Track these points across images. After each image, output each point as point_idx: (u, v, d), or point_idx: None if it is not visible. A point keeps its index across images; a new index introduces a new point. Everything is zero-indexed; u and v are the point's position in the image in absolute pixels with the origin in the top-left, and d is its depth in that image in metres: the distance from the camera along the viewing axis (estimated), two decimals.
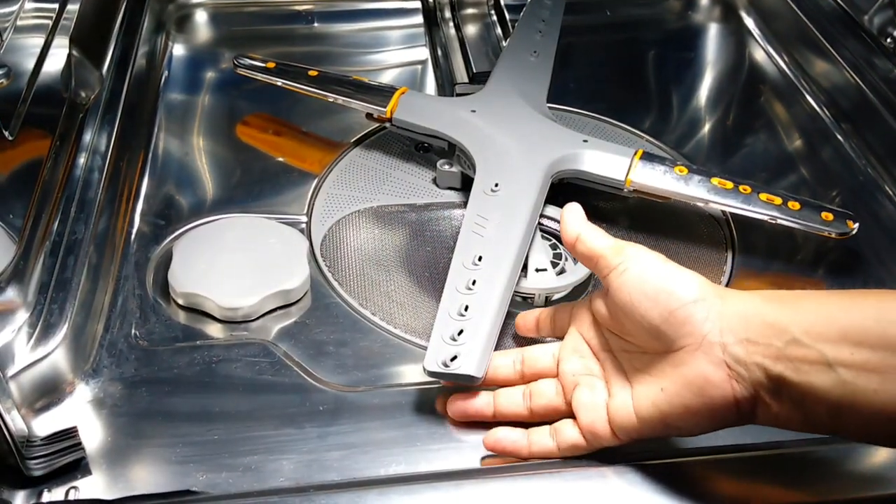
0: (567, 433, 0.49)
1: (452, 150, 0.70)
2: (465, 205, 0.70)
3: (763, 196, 0.64)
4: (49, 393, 0.53)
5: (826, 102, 0.82)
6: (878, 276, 0.66)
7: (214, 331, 0.59)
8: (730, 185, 0.64)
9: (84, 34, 0.74)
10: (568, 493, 0.47)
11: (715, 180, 0.65)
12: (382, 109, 0.71)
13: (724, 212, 0.69)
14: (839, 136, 0.78)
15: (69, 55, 0.71)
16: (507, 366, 0.53)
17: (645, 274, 0.46)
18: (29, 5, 0.66)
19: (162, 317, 0.59)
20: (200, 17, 0.92)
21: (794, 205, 0.64)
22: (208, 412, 0.52)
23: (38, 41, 0.67)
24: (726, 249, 0.67)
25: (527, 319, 0.57)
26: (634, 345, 0.48)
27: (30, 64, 0.65)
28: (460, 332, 0.53)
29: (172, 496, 0.47)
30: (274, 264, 0.61)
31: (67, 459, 0.48)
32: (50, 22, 0.69)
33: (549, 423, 0.50)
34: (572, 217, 0.52)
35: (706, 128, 0.82)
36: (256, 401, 0.53)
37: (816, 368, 0.40)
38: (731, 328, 0.43)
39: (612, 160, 0.66)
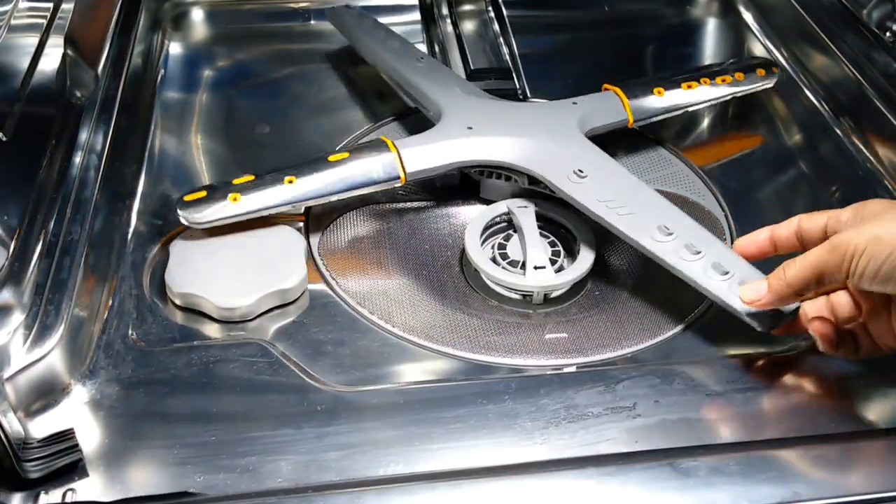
0: None
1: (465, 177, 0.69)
2: (463, 202, 0.70)
3: (719, 80, 0.75)
4: (45, 395, 0.52)
5: (825, 97, 0.82)
6: None
7: (212, 331, 0.59)
8: (695, 84, 0.75)
9: (79, 33, 0.73)
10: (567, 492, 0.47)
11: (684, 86, 0.74)
12: (396, 177, 0.64)
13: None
14: (838, 131, 0.78)
15: (64, 54, 0.70)
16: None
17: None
18: (23, 4, 0.65)
19: (159, 317, 0.59)
20: (197, 15, 0.92)
21: (740, 75, 0.76)
22: (206, 413, 0.52)
23: (32, 41, 0.67)
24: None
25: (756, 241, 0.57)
26: None
27: (24, 63, 0.64)
28: (726, 273, 0.56)
29: (170, 498, 0.47)
30: (271, 264, 0.61)
31: (64, 461, 0.48)
32: (44, 21, 0.69)
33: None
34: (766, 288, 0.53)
35: (705, 123, 0.82)
36: (254, 401, 0.53)
37: None
38: None
39: (609, 108, 0.72)
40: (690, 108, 0.75)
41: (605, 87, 0.74)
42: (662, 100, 0.74)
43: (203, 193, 0.62)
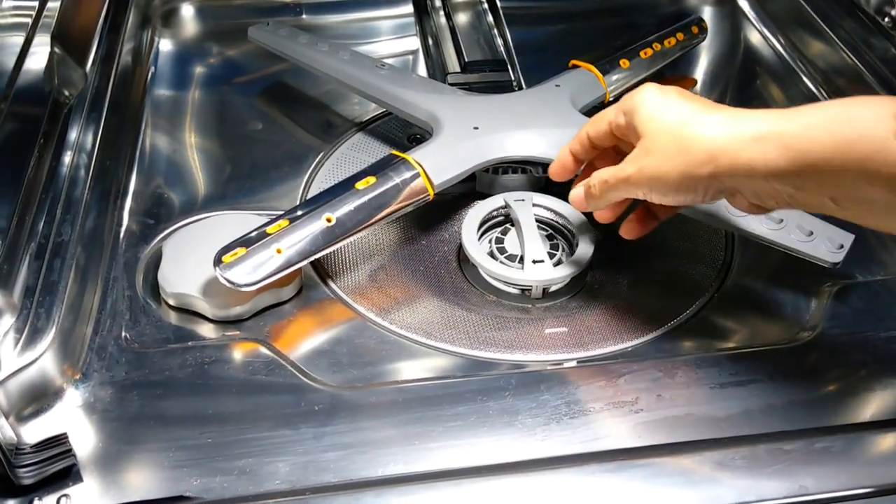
0: None
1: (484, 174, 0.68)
2: (460, 196, 0.69)
3: (657, 47, 0.79)
4: (38, 399, 0.51)
5: (823, 83, 0.81)
6: (877, 255, 0.65)
7: (206, 331, 0.58)
8: (643, 55, 0.78)
9: (66, 31, 0.72)
10: (570, 489, 0.46)
11: (641, 53, 0.78)
12: (425, 194, 0.61)
13: None
14: None
15: (51, 53, 0.69)
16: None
17: None
18: (7, 3, 0.64)
19: (152, 318, 0.58)
20: (187, 11, 0.91)
21: (680, 35, 0.81)
22: (201, 415, 0.51)
23: (18, 40, 0.66)
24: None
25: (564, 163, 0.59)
26: None
27: (10, 62, 0.63)
28: (780, 221, 0.59)
29: (166, 502, 0.46)
30: None
31: (58, 467, 0.47)
32: (30, 20, 0.68)
33: None
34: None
35: None
36: (250, 402, 0.52)
37: None
38: None
39: (590, 87, 0.74)
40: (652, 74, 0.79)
41: (572, 64, 0.75)
42: (630, 75, 0.76)
43: (242, 251, 0.55)
